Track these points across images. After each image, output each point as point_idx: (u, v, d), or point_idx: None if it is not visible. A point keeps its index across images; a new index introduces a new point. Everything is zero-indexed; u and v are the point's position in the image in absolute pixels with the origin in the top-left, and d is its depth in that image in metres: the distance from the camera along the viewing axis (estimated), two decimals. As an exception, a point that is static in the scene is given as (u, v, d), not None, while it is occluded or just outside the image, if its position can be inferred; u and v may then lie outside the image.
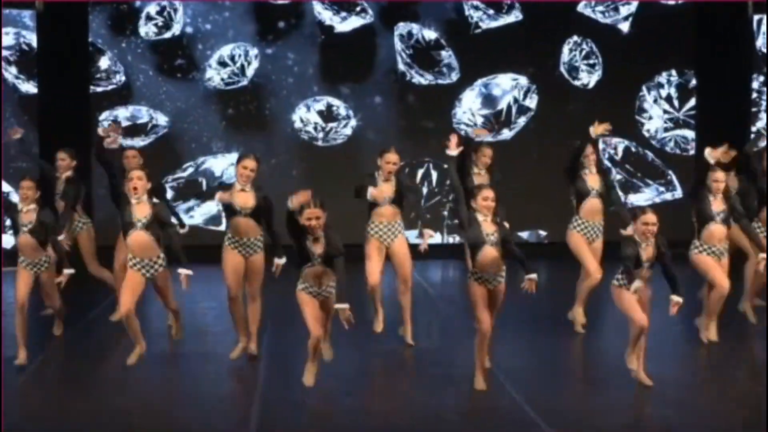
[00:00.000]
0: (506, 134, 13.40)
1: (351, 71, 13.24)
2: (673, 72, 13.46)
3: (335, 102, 13.31)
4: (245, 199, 7.44)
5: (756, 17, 13.07)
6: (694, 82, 13.47)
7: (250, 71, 13.21)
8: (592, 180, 8.52)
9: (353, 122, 13.32)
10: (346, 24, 13.24)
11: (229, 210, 7.50)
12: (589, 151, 8.43)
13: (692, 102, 13.47)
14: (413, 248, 8.01)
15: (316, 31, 13.22)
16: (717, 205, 7.95)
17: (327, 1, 13.15)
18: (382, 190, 7.82)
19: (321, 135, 13.27)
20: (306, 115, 13.25)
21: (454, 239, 13.16)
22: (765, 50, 13.36)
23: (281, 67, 13.23)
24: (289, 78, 13.25)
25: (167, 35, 13.13)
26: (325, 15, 13.21)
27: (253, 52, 13.19)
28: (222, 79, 13.20)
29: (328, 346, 7.05)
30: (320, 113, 13.31)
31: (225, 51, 13.16)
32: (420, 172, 13.36)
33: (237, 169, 7.47)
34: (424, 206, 13.18)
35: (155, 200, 7.32)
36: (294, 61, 13.25)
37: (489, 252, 6.66)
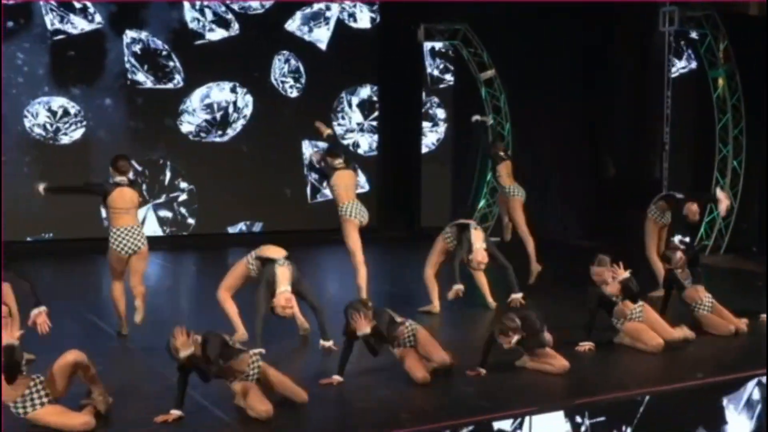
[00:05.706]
0: (225, 136, 14.72)
1: (81, 73, 13.72)
2: (361, 86, 15.70)
3: (66, 102, 13.69)
4: None
5: (426, 44, 15.75)
6: (376, 95, 15.82)
7: (-23, 69, 13.15)
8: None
9: (84, 122, 13.79)
10: (75, 27, 13.69)
11: None
12: None
13: (376, 112, 15.83)
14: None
15: (45, 33, 13.51)
16: None
17: (55, 1, 13.50)
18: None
19: (52, 134, 13.57)
20: (37, 114, 13.47)
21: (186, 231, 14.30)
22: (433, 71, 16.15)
23: (11, 66, 13.31)
24: (19, 77, 13.40)
25: None
26: (55, 17, 13.55)
27: (-20, 49, 13.16)
28: (-53, 76, 12.99)
29: None
30: (51, 113, 13.61)
31: (-50, 47, 12.99)
32: (148, 172, 14.21)
33: None
34: (157, 202, 14.18)
35: None
36: (24, 60, 13.43)
37: None
